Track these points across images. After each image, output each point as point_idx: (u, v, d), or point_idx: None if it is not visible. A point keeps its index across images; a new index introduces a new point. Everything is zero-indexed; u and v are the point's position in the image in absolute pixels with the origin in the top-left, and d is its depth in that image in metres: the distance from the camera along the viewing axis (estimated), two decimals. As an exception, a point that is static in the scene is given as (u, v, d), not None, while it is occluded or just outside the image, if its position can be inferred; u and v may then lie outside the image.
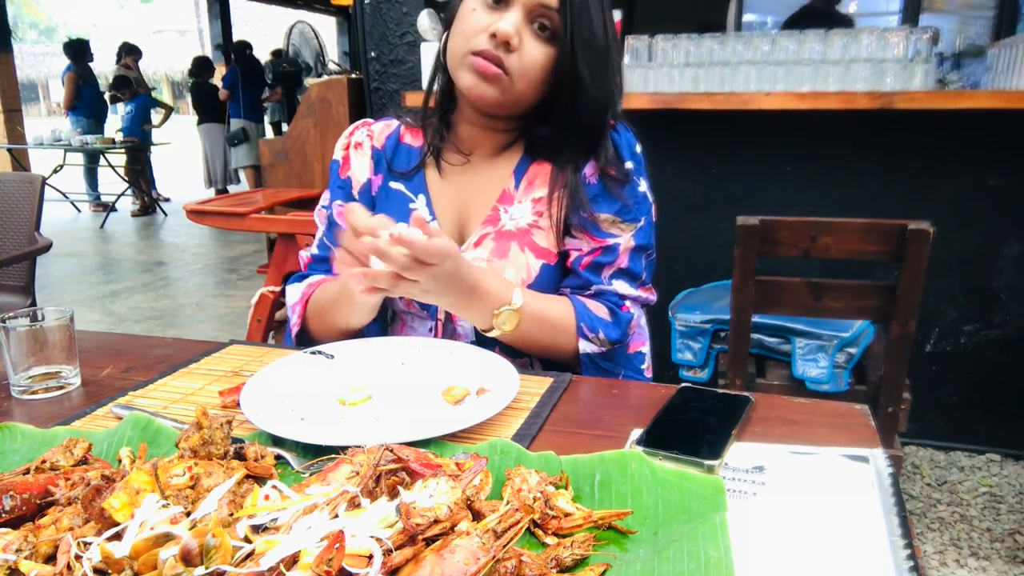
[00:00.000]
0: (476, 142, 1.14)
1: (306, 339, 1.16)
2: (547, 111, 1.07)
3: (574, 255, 1.09)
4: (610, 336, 1.05)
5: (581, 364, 1.06)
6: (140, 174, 8.66)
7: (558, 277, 1.11)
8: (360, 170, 1.19)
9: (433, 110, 1.15)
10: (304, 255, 1.22)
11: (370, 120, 1.24)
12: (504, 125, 1.11)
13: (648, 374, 1.18)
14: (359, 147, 1.20)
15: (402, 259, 0.87)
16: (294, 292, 1.17)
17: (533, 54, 0.99)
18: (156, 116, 9.20)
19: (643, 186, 1.10)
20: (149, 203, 8.76)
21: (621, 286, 1.08)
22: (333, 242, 1.18)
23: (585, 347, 1.04)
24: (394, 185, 1.17)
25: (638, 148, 1.12)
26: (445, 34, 1.08)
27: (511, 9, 0.99)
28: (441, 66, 1.10)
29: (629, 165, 1.09)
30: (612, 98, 1.05)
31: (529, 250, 1.09)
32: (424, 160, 1.16)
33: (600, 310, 1.07)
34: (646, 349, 1.19)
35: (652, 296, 1.13)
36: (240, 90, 8.21)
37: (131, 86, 8.70)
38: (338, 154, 1.21)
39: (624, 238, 1.08)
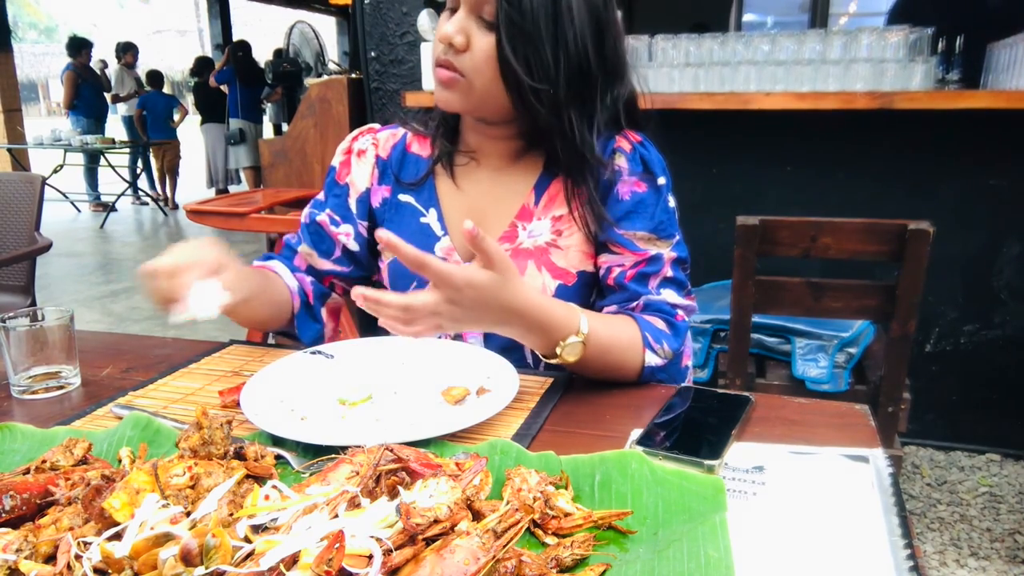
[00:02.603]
0: (483, 149, 1.11)
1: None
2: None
3: (617, 271, 1.05)
4: (672, 347, 1.01)
5: (641, 379, 1.00)
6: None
7: (575, 299, 1.07)
8: (360, 178, 1.16)
9: (439, 119, 1.13)
10: (286, 238, 1.21)
11: (375, 126, 1.21)
12: (504, 132, 1.07)
13: (690, 381, 1.13)
14: (362, 154, 1.17)
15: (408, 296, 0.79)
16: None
17: (481, 48, 0.96)
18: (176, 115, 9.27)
19: (672, 201, 1.08)
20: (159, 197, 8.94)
21: (670, 295, 1.05)
22: (307, 239, 1.17)
23: (651, 360, 0.99)
24: (403, 198, 1.14)
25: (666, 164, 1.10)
26: None
27: (459, 10, 0.97)
28: None
29: (662, 180, 1.07)
30: (557, 85, 0.97)
31: (546, 270, 1.06)
32: (434, 168, 1.14)
33: (657, 322, 1.03)
34: (691, 362, 1.15)
35: (696, 305, 1.10)
36: (238, 90, 8.21)
37: (162, 80, 8.85)
38: (337, 159, 1.19)
39: (665, 251, 1.06)
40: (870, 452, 0.75)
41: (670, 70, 2.44)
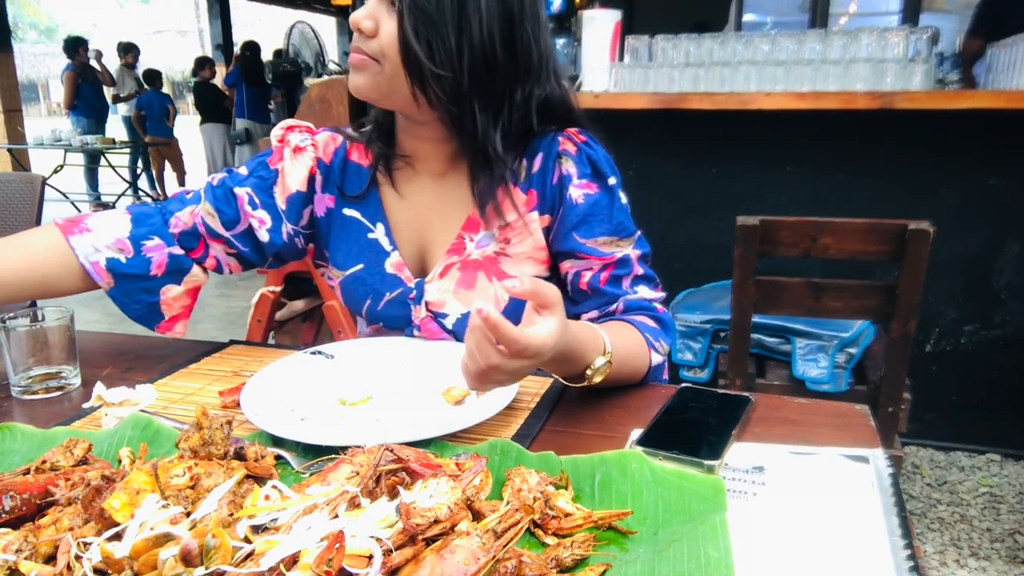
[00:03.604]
0: (418, 153, 1.08)
1: None
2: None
3: (587, 275, 1.04)
4: (668, 342, 1.02)
5: (645, 380, 0.99)
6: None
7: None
8: (293, 178, 1.11)
9: (374, 122, 1.11)
10: (178, 193, 1.15)
11: (311, 126, 1.16)
12: (434, 133, 1.04)
13: (665, 375, 1.13)
14: (299, 152, 1.12)
15: (493, 360, 0.72)
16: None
17: (388, 32, 0.94)
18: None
19: (624, 198, 1.07)
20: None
21: (645, 291, 1.05)
22: (211, 200, 1.09)
23: (655, 360, 0.99)
24: (349, 212, 1.12)
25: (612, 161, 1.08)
26: None
27: None
28: None
29: (612, 180, 1.05)
30: (458, 72, 0.94)
31: (497, 279, 1.04)
32: (375, 177, 1.11)
33: (648, 321, 1.02)
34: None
35: (664, 295, 1.10)
36: (244, 90, 8.23)
37: (160, 78, 8.88)
38: (273, 143, 1.14)
39: (629, 251, 1.05)
40: (870, 452, 0.75)
41: (670, 70, 2.43)
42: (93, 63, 8.76)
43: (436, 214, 1.09)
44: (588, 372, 0.86)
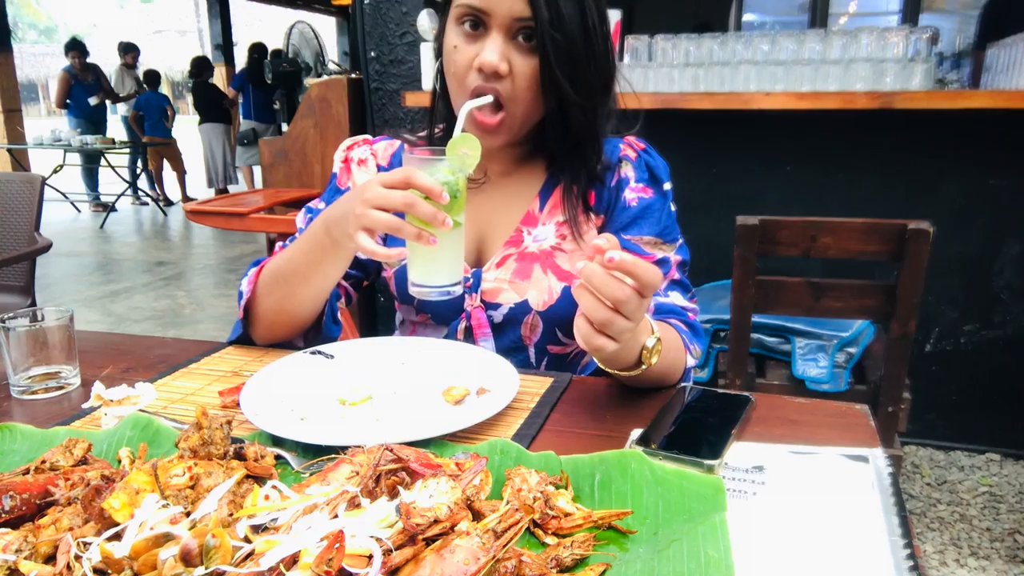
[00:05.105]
0: (490, 155, 1.11)
1: (251, 321, 1.09)
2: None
3: None
4: (701, 347, 1.03)
5: (682, 381, 0.99)
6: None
7: None
8: None
9: (440, 136, 1.12)
10: (279, 246, 1.17)
11: (369, 137, 1.21)
12: (512, 138, 1.08)
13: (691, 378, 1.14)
14: (363, 163, 1.17)
15: (625, 292, 0.72)
16: (252, 270, 1.10)
17: (523, 70, 0.96)
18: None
19: (673, 207, 1.11)
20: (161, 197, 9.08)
21: (677, 298, 1.07)
22: None
23: (689, 361, 1.00)
24: None
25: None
26: (438, 64, 1.06)
27: (490, 34, 0.95)
28: (442, 95, 1.07)
29: (667, 186, 1.10)
30: (594, 97, 1.00)
31: (551, 272, 1.07)
32: None
33: (681, 324, 1.04)
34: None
35: (698, 308, 1.12)
36: (251, 91, 8.24)
37: (158, 80, 8.90)
38: (337, 166, 1.19)
39: (670, 255, 1.08)
40: (870, 452, 0.75)
41: (670, 70, 2.44)
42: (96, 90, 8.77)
43: (496, 212, 1.12)
44: (644, 352, 0.84)
